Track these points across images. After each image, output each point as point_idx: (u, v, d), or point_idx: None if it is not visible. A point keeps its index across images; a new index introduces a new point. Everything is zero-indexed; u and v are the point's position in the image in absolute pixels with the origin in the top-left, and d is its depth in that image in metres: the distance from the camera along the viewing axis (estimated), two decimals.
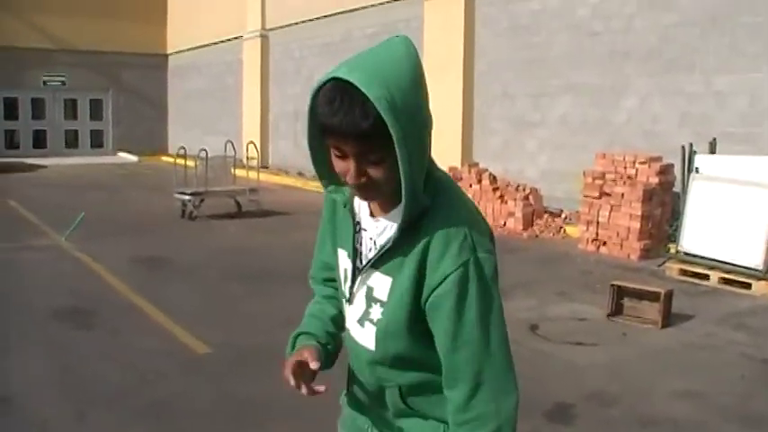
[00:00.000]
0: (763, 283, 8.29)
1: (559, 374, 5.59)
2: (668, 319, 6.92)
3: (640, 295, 7.07)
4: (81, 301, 7.54)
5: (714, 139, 9.61)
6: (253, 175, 14.41)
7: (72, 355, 5.96)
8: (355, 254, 1.86)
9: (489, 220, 11.90)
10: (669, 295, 6.97)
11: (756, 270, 8.38)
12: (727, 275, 8.59)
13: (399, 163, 1.60)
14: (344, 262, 1.91)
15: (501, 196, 12.18)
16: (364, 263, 1.83)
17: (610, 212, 10.35)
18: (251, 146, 15.79)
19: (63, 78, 28.90)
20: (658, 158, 10.52)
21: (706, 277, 8.75)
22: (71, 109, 29.84)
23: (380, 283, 1.80)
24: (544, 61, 13.37)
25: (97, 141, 30.27)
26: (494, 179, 12.57)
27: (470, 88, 14.70)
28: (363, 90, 1.54)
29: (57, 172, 22.56)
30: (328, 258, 2.03)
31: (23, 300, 7.61)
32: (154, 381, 5.42)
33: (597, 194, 10.50)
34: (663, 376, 5.63)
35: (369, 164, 1.65)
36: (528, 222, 11.84)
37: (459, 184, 12.58)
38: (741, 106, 10.45)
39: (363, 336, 1.87)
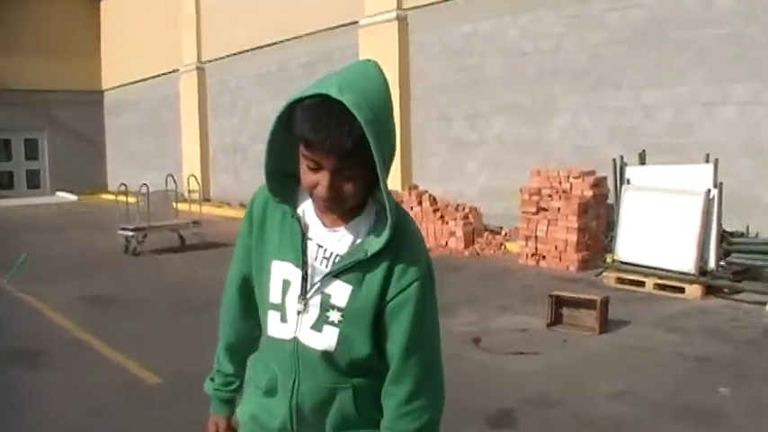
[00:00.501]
0: (695, 286, 8.64)
1: (501, 383, 5.79)
2: (605, 325, 7.18)
3: (578, 304, 7.33)
4: (27, 341, 7.51)
5: (643, 151, 10.00)
6: (195, 208, 14.43)
7: (22, 395, 5.96)
8: (303, 264, 1.91)
9: (431, 241, 12.20)
10: (605, 302, 7.24)
11: (689, 274, 8.73)
12: (661, 281, 8.93)
13: (380, 177, 1.75)
14: (284, 272, 1.94)
15: (441, 217, 12.43)
16: (317, 271, 1.90)
17: (547, 227, 10.66)
18: (192, 179, 15.81)
19: None
20: (591, 172, 10.88)
21: (642, 284, 9.07)
22: (5, 150, 29.40)
23: (339, 290, 1.89)
24: (478, 83, 13.73)
25: (34, 182, 29.83)
26: (434, 200, 12.82)
27: (407, 112, 14.98)
28: (354, 112, 1.65)
29: None
30: (250, 270, 2.07)
31: None
32: (107, 413, 5.47)
33: (534, 210, 10.81)
34: (601, 379, 5.87)
35: (342, 179, 1.76)
36: (469, 241, 12.10)
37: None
38: (667, 118, 10.89)
39: (320, 339, 1.91)
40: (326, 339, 1.91)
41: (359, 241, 1.89)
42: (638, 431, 4.83)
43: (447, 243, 12.19)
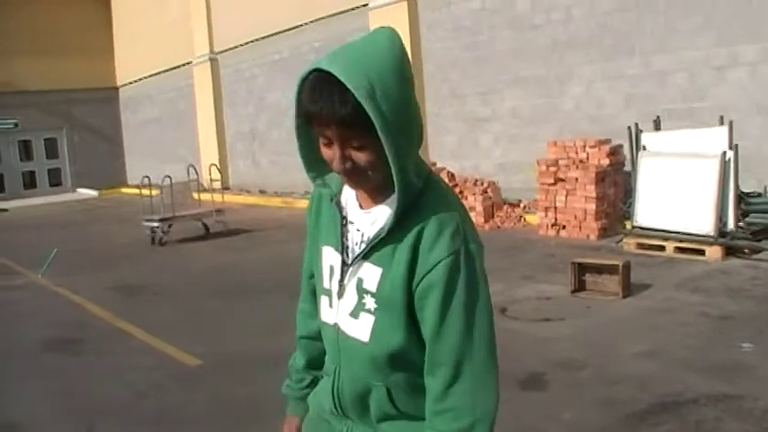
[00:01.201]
0: (715, 248, 8.76)
1: (530, 348, 5.96)
2: (628, 289, 7.33)
3: (600, 270, 7.48)
4: (68, 331, 7.78)
5: (658, 117, 10.10)
6: (217, 197, 14.66)
7: (69, 381, 6.21)
8: (343, 248, 1.88)
9: None
10: (627, 267, 7.39)
11: (708, 236, 8.84)
12: (681, 245, 9.05)
13: (385, 148, 1.64)
14: (330, 258, 1.92)
15: (460, 192, 12.57)
16: (354, 255, 1.85)
17: (566, 197, 10.79)
18: (213, 168, 16.02)
19: (15, 121, 28.85)
20: (607, 141, 10.99)
21: (662, 248, 9.20)
22: (26, 150, 29.79)
23: (370, 273, 1.80)
24: (490, 58, 13.83)
25: (55, 180, 30.22)
26: (452, 176, 12.96)
27: (421, 91, 15.09)
28: (343, 80, 1.59)
29: (19, 214, 22.56)
30: (311, 258, 2.05)
31: (12, 335, 7.82)
32: (152, 394, 5.71)
33: (552, 181, 10.93)
34: (626, 340, 6.03)
35: (352, 149, 1.68)
36: (489, 215, 12.25)
37: None
38: (680, 83, 10.97)
39: (357, 328, 1.85)
40: (363, 327, 1.84)
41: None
42: (665, 387, 4.99)
43: None
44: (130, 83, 29.86)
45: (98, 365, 6.57)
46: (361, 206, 1.87)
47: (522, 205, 12.61)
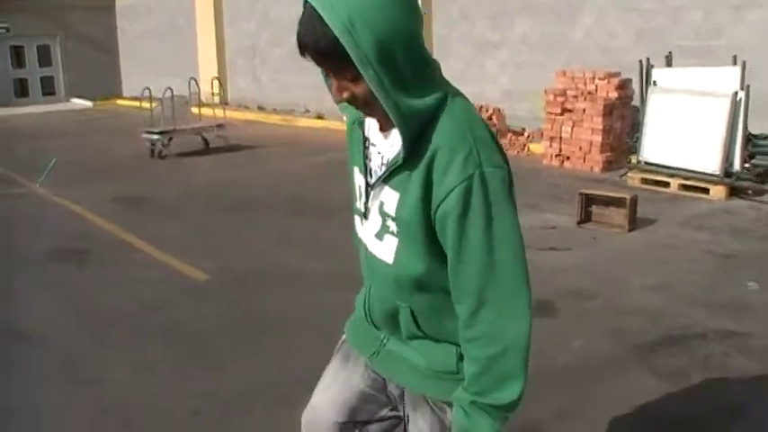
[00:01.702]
0: (720, 187, 8.77)
1: (537, 276, 5.89)
2: (634, 223, 7.35)
3: (607, 202, 7.49)
4: (71, 241, 7.75)
5: (670, 53, 9.98)
6: (218, 112, 14.50)
7: (76, 291, 6.22)
8: (366, 169, 1.90)
9: None
10: (634, 201, 7.40)
11: (714, 175, 8.84)
12: (686, 182, 9.05)
13: (369, 83, 1.61)
14: (358, 178, 1.94)
15: None
16: (375, 178, 1.85)
17: (572, 128, 10.73)
18: (215, 82, 15.81)
19: (6, 25, 28.24)
20: (617, 74, 10.87)
21: (666, 185, 9.20)
22: (17, 57, 29.25)
23: (389, 197, 1.80)
24: None
25: (49, 88, 29.73)
26: None
27: (429, 11, 14.83)
28: (322, 14, 1.57)
29: (11, 122, 22.27)
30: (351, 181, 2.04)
31: (16, 244, 7.79)
32: (162, 307, 5.72)
33: (559, 111, 10.86)
34: (634, 273, 6.08)
35: (347, 81, 1.67)
36: None
37: None
38: (696, 21, 10.81)
39: (382, 249, 1.87)
40: (387, 249, 1.85)
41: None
42: (673, 321, 5.04)
43: None
44: None
45: (103, 277, 6.57)
46: (381, 128, 1.84)
47: (526, 134, 12.54)
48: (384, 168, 1.82)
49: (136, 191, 10.31)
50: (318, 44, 1.60)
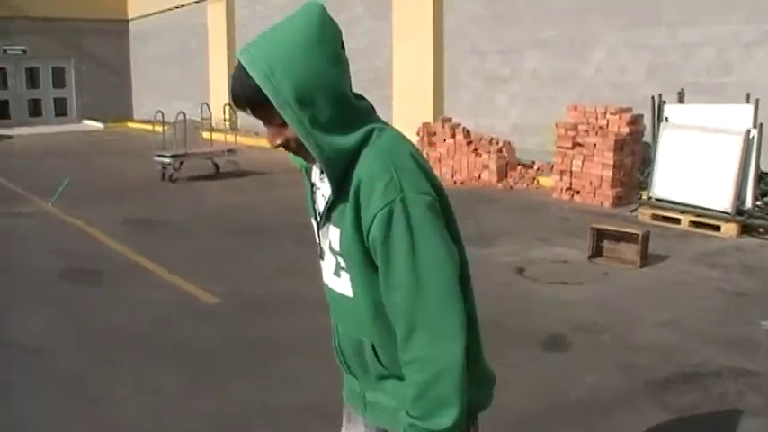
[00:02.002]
0: (731, 224, 8.74)
1: (549, 310, 5.98)
2: (646, 259, 7.33)
3: (619, 237, 7.47)
4: (83, 261, 7.77)
5: (682, 90, 10.01)
6: (228, 137, 14.56)
7: (87, 310, 6.22)
8: (315, 213, 1.98)
9: (464, 174, 12.33)
10: (647, 237, 7.38)
11: (725, 213, 8.82)
12: (697, 219, 9.02)
13: (291, 125, 1.73)
14: (313, 222, 2.02)
15: (475, 150, 12.52)
16: (321, 219, 1.93)
17: (583, 162, 10.74)
18: (227, 108, 15.90)
19: (24, 47, 28.53)
20: (628, 109, 10.91)
21: (677, 221, 9.18)
22: (32, 78, 29.52)
23: (334, 234, 1.87)
24: (512, 17, 13.65)
25: (61, 110, 29.97)
26: (467, 133, 12.90)
27: (440, 45, 14.95)
28: (244, 65, 1.72)
29: (24, 142, 22.41)
30: None
31: (28, 263, 7.81)
32: (170, 328, 5.72)
33: (570, 145, 10.88)
34: (645, 309, 6.05)
35: (277, 127, 1.79)
36: (502, 174, 12.22)
37: (433, 139, 13.02)
38: (708, 57, 10.85)
39: (341, 285, 1.93)
40: (345, 284, 1.91)
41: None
42: (686, 358, 5.01)
43: (480, 176, 12.32)
44: (142, 16, 29.50)
45: (113, 297, 6.58)
46: (321, 171, 1.91)
47: (535, 167, 12.57)
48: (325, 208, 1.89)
49: (146, 213, 10.34)
50: (245, 93, 1.74)
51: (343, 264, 1.88)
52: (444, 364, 1.72)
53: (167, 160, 13.15)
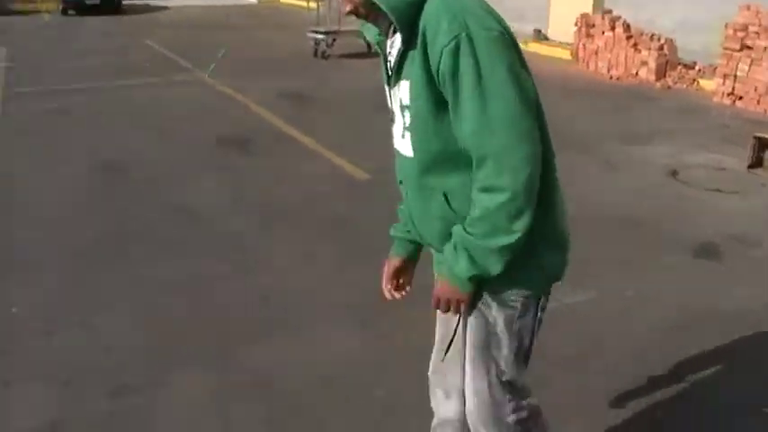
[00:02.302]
0: None
1: (702, 216, 5.81)
2: None
3: None
4: (238, 130, 8.07)
5: None
6: None
7: (243, 179, 6.52)
8: (387, 78, 2.03)
9: (620, 69, 11.92)
10: None
11: None
12: None
13: None
14: (386, 90, 2.08)
15: (635, 45, 12.01)
16: (392, 77, 1.98)
17: (749, 66, 10.13)
18: None
19: None
20: None
21: None
22: None
23: (404, 89, 1.92)
24: None
25: None
26: (627, 27, 12.36)
27: None
28: None
29: (181, 13, 22.96)
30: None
31: (185, 129, 8.20)
32: (322, 200, 5.93)
33: (738, 47, 10.27)
34: None
35: None
36: (661, 73, 11.70)
37: (591, 31, 12.56)
38: None
39: (405, 146, 2.00)
40: (408, 144, 1.98)
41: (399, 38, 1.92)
42: None
43: (637, 73, 11.84)
44: None
45: (268, 167, 6.84)
46: (394, 31, 1.96)
47: (697, 68, 11.97)
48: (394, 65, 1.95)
49: (300, 88, 10.54)
50: None
51: (408, 122, 1.94)
52: (514, 190, 1.78)
53: (320, 36, 13.25)
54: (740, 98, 10.29)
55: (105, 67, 12.11)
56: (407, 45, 1.87)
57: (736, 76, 10.31)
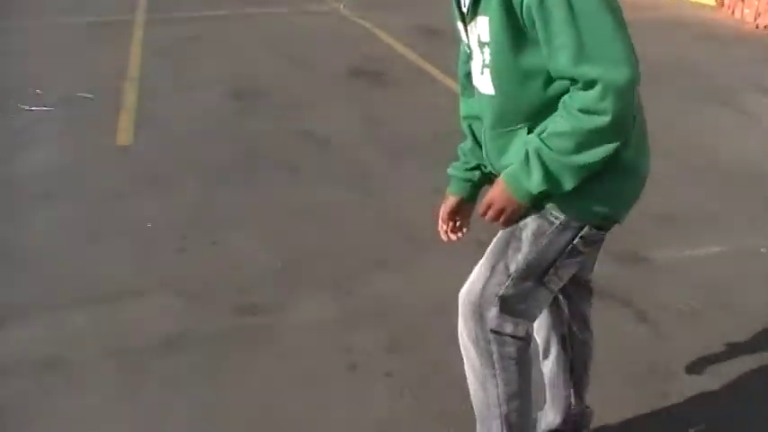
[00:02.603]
0: None
1: None
2: None
3: None
4: (372, 62, 8.02)
5: None
6: None
7: (373, 109, 6.50)
8: (462, 17, 1.96)
9: None
10: None
11: None
12: None
13: None
14: (460, 27, 2.01)
15: None
16: (468, 14, 1.91)
17: None
18: None
19: None
20: None
21: None
22: None
23: (482, 25, 1.86)
24: None
25: None
26: None
27: None
28: None
29: None
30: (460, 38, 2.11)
31: (317, 58, 8.20)
32: (452, 138, 5.80)
33: None
34: None
35: None
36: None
37: None
38: None
39: (485, 82, 1.94)
40: (488, 81, 1.92)
41: None
42: None
43: None
44: None
45: (399, 100, 6.78)
46: None
47: None
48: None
49: (435, 22, 10.32)
50: None
51: (488, 59, 1.88)
52: (612, 117, 1.71)
53: None
54: None
55: None
56: None
57: None
